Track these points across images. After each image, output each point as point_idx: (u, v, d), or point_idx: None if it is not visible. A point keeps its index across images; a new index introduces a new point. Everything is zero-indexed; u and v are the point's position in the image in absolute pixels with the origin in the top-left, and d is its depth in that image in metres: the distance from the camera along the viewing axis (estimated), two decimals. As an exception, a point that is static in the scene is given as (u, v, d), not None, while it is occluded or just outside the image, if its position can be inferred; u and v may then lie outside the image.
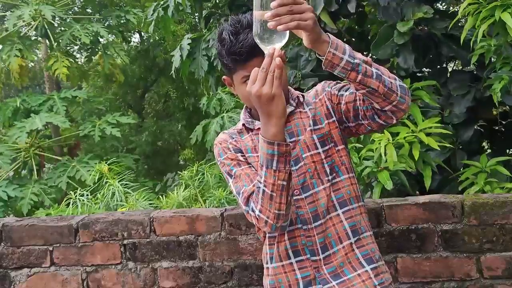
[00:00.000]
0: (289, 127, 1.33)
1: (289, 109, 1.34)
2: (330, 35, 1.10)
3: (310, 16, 1.03)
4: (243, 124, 1.39)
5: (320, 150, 1.31)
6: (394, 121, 1.25)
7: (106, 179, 3.30)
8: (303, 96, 1.39)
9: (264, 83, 1.05)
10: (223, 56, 1.26)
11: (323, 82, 1.40)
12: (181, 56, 3.92)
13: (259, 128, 1.34)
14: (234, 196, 3.51)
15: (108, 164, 3.50)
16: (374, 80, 1.14)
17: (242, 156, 1.34)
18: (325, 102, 1.35)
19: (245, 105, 1.42)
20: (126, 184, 3.30)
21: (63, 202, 3.44)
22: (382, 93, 1.15)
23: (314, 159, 1.30)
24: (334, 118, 1.33)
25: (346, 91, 1.30)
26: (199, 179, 3.76)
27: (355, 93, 1.26)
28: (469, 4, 2.40)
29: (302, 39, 1.11)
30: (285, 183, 1.15)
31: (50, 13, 7.25)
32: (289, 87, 1.39)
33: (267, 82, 1.05)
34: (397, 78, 1.20)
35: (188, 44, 3.91)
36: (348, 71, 1.12)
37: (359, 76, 1.12)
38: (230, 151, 1.35)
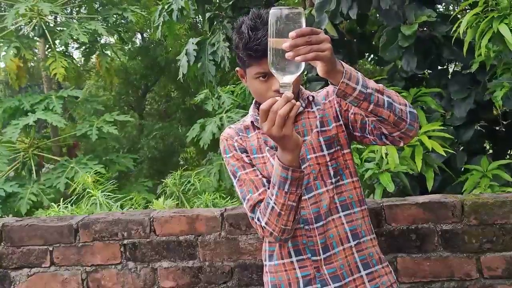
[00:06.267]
0: (296, 127, 1.32)
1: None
2: (344, 64, 1.10)
3: (327, 47, 1.01)
4: (252, 122, 1.38)
5: (326, 152, 1.31)
6: (401, 145, 1.26)
7: (88, 190, 3.35)
8: (313, 96, 1.39)
9: (274, 125, 1.05)
10: (239, 49, 1.26)
11: None
12: (188, 61, 3.96)
13: None
14: (222, 199, 3.56)
15: (95, 173, 3.58)
16: (385, 110, 1.14)
17: (247, 156, 1.34)
18: (334, 104, 1.35)
19: (254, 100, 1.41)
20: (109, 194, 3.33)
21: (47, 211, 3.47)
22: (392, 122, 1.16)
23: (319, 161, 1.30)
24: (341, 122, 1.34)
25: None
26: (185, 184, 3.79)
27: None
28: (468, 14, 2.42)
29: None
30: (294, 204, 1.18)
31: (48, 9, 7.23)
32: (300, 86, 1.38)
33: (277, 125, 1.04)
34: (407, 103, 1.20)
35: (194, 49, 3.95)
36: (361, 101, 1.12)
37: (371, 106, 1.13)
38: (236, 150, 1.35)
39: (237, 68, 1.36)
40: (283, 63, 1.01)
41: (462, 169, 2.86)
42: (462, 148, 2.99)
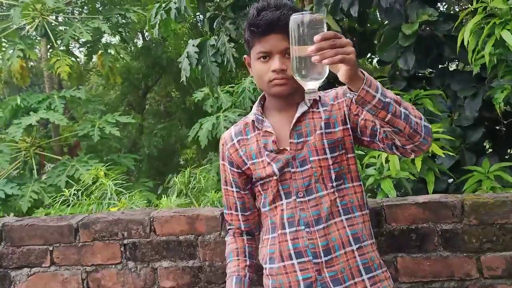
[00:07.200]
0: (299, 127, 1.31)
1: (303, 108, 1.31)
2: (364, 71, 1.09)
3: (351, 50, 1.01)
4: (253, 121, 1.37)
5: (329, 155, 1.29)
6: (412, 157, 1.25)
7: (101, 181, 3.39)
8: (320, 96, 1.36)
9: None
10: (245, 30, 1.28)
11: (345, 86, 1.34)
12: (190, 64, 3.90)
13: (266, 131, 1.32)
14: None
15: (105, 168, 3.63)
16: (402, 121, 1.13)
17: (231, 171, 1.40)
18: (344, 107, 1.32)
19: (259, 97, 1.40)
20: (121, 184, 3.37)
21: (56, 199, 3.51)
22: (407, 134, 1.15)
23: (321, 164, 1.29)
24: (349, 126, 1.31)
25: None
26: (193, 182, 3.81)
27: None
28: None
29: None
30: None
31: (52, 2, 7.22)
32: None
33: None
34: (422, 117, 1.19)
35: (195, 52, 3.89)
36: (379, 109, 1.11)
37: (388, 116, 1.12)
38: (225, 160, 1.41)
39: (245, 56, 1.37)
40: (307, 69, 1.01)
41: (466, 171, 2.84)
42: (467, 146, 2.96)
